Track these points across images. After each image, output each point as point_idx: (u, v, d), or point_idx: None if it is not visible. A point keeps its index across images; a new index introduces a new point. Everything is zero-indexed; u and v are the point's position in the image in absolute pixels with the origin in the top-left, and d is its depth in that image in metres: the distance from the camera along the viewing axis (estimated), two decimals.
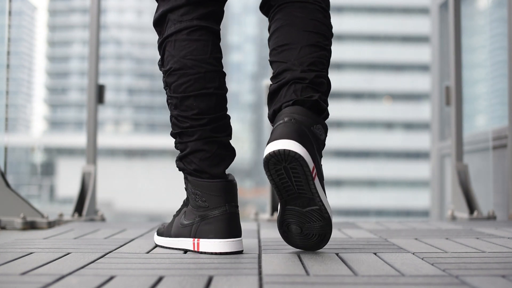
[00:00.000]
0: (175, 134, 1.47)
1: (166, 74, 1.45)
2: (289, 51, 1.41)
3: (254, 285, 1.03)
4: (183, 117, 1.43)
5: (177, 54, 1.43)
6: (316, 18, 1.44)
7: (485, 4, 4.22)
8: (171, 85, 1.44)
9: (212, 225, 1.41)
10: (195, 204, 1.44)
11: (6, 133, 2.58)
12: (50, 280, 1.07)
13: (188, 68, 1.42)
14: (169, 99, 1.47)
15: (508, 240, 1.71)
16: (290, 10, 1.45)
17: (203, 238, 1.42)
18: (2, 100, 2.59)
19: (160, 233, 1.58)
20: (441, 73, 4.70)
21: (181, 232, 1.48)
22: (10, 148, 2.63)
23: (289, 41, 1.42)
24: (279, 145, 1.28)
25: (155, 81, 52.09)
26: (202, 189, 1.43)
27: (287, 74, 1.40)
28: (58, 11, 52.90)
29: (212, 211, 1.42)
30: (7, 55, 2.65)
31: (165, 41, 1.45)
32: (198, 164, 1.44)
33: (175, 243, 1.50)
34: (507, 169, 2.90)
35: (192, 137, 1.44)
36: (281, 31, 1.44)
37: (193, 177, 1.45)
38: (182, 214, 1.50)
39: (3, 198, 2.29)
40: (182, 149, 1.46)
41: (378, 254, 1.39)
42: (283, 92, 1.39)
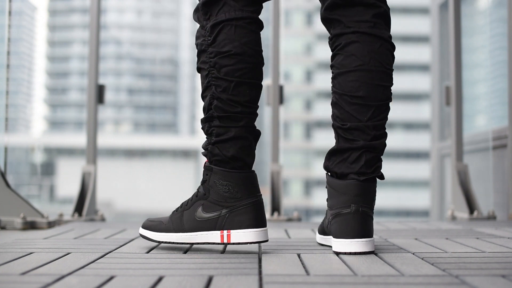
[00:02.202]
0: (216, 117, 1.43)
1: (220, 56, 1.42)
2: (364, 108, 1.42)
3: (254, 285, 1.03)
4: (234, 101, 1.42)
5: (238, 39, 1.42)
6: (389, 64, 1.45)
7: (485, 4, 4.22)
8: (224, 68, 1.42)
9: (244, 216, 1.42)
10: (222, 195, 1.43)
11: (6, 133, 2.58)
12: (50, 280, 1.07)
13: (248, 56, 1.43)
14: (214, 81, 1.43)
15: (508, 240, 1.71)
16: (364, 49, 1.42)
17: (235, 229, 1.42)
18: (2, 100, 2.59)
19: (158, 229, 1.51)
20: (441, 73, 4.70)
21: (200, 225, 1.45)
22: (10, 148, 2.63)
23: (365, 94, 1.42)
24: (357, 247, 1.39)
25: (155, 81, 52.09)
26: (234, 180, 1.43)
27: (359, 136, 1.42)
28: (58, 11, 52.88)
29: (243, 201, 1.42)
30: (7, 55, 2.65)
31: (223, 24, 1.42)
32: (237, 151, 1.43)
33: (192, 237, 1.46)
34: (507, 169, 2.90)
35: (238, 123, 1.43)
36: (356, 77, 1.43)
37: (223, 168, 1.43)
38: (197, 207, 1.46)
39: (3, 198, 2.29)
40: (220, 133, 1.43)
41: (378, 254, 1.39)
42: (352, 157, 1.42)
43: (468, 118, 4.26)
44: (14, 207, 2.27)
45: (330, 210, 1.46)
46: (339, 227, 1.41)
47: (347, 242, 1.40)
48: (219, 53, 1.42)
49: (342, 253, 1.40)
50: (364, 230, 1.40)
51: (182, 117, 52.74)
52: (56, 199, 38.77)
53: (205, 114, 1.46)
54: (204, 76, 1.46)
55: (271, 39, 3.02)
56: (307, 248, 1.52)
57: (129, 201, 38.43)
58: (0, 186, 2.30)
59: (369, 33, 1.43)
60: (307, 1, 39.92)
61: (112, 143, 41.23)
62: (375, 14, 1.44)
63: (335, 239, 1.42)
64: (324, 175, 1.52)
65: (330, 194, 1.46)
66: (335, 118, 1.47)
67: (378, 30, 1.44)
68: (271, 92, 2.98)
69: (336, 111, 1.47)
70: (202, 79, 1.47)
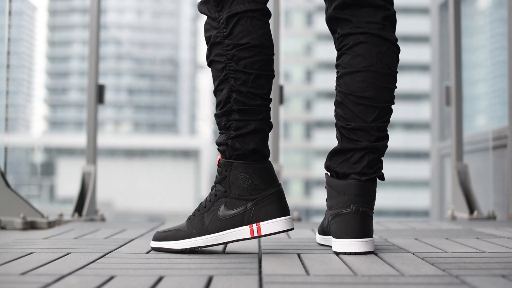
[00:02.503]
0: (235, 111, 1.41)
1: (238, 48, 1.40)
2: (369, 109, 1.43)
3: (254, 285, 1.03)
4: (254, 94, 1.41)
5: (255, 31, 1.41)
6: (394, 67, 1.46)
7: (485, 4, 4.22)
8: (243, 60, 1.40)
9: (272, 206, 1.41)
10: (246, 189, 1.41)
11: (6, 133, 2.58)
12: (50, 280, 1.07)
13: (265, 48, 1.42)
14: (233, 73, 1.41)
15: (508, 240, 1.71)
16: (372, 51, 1.43)
17: (264, 221, 1.41)
18: (2, 100, 2.59)
19: (177, 237, 1.45)
20: (441, 73, 4.70)
21: (226, 224, 1.42)
22: (10, 148, 2.63)
23: (371, 95, 1.43)
24: (357, 247, 1.39)
25: (155, 81, 52.08)
26: (255, 172, 1.41)
27: (363, 137, 1.42)
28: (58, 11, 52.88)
29: (267, 192, 1.42)
30: (7, 55, 2.65)
31: (239, 15, 1.41)
32: (257, 144, 1.42)
33: (219, 238, 1.42)
34: (507, 169, 2.90)
35: (258, 115, 1.42)
36: (364, 77, 1.43)
37: (243, 161, 1.42)
38: (219, 206, 1.43)
39: (3, 198, 2.29)
40: (239, 127, 1.41)
41: (378, 254, 1.39)
42: (354, 158, 1.43)
43: (468, 118, 4.26)
44: (14, 207, 2.27)
45: (329, 210, 1.46)
46: (339, 227, 1.41)
47: (347, 242, 1.39)
48: (237, 45, 1.40)
49: (342, 253, 1.40)
50: (364, 230, 1.40)
51: (182, 117, 52.74)
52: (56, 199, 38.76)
53: (221, 108, 1.43)
54: (219, 69, 1.43)
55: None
56: (307, 248, 1.52)
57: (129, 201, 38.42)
58: (0, 186, 2.30)
59: (378, 34, 1.44)
60: (307, 1, 39.92)
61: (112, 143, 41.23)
62: (384, 17, 1.45)
63: (335, 239, 1.42)
64: (324, 175, 1.52)
65: (330, 194, 1.46)
66: (339, 117, 1.46)
67: (386, 33, 1.45)
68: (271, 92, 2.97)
69: (340, 110, 1.46)
70: (215, 72, 1.44)
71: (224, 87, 1.42)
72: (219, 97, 1.43)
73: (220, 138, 1.44)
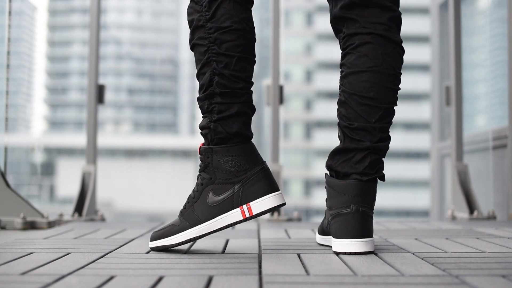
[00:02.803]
0: (217, 94, 1.41)
1: (220, 31, 1.40)
2: (372, 109, 1.43)
3: (254, 285, 1.03)
4: (236, 77, 1.42)
5: (237, 14, 1.42)
6: (399, 68, 1.46)
7: (485, 4, 4.22)
8: (225, 43, 1.41)
9: (258, 184, 1.41)
10: (230, 172, 1.41)
11: (6, 133, 2.58)
12: (50, 280, 1.07)
13: (247, 32, 1.43)
14: (215, 57, 1.41)
15: (508, 240, 1.71)
16: (378, 51, 1.43)
17: (253, 200, 1.40)
18: (2, 100, 2.59)
19: (172, 232, 1.45)
20: (441, 73, 4.70)
21: (217, 210, 1.42)
22: (10, 148, 2.63)
23: (376, 96, 1.42)
24: (357, 247, 1.39)
25: (155, 81, 52.08)
26: (237, 152, 1.41)
27: (365, 137, 1.42)
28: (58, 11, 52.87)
29: (252, 171, 1.41)
30: (7, 55, 2.65)
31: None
32: (240, 127, 1.42)
33: (212, 225, 1.42)
34: (507, 169, 2.90)
35: (240, 98, 1.42)
36: (368, 77, 1.43)
37: (224, 145, 1.42)
38: (207, 193, 1.43)
39: (3, 198, 2.29)
40: (222, 110, 1.42)
41: (378, 254, 1.39)
42: (356, 158, 1.43)
43: (468, 118, 4.26)
44: (14, 207, 2.27)
45: (329, 211, 1.45)
46: (339, 227, 1.41)
47: (347, 242, 1.39)
48: (220, 28, 1.41)
49: (342, 253, 1.40)
50: (364, 230, 1.40)
51: (182, 117, 52.74)
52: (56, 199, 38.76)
53: (204, 91, 1.43)
54: (201, 52, 1.43)
55: (271, 39, 3.02)
56: (307, 248, 1.52)
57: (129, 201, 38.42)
58: (0, 186, 2.30)
59: (384, 35, 1.43)
60: (307, 1, 39.92)
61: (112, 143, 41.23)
62: (390, 18, 1.45)
63: (335, 239, 1.42)
64: (323, 175, 1.52)
65: (330, 194, 1.45)
66: (342, 117, 1.46)
67: (392, 34, 1.45)
68: (271, 92, 2.98)
69: (343, 110, 1.46)
70: (198, 56, 1.44)
71: (206, 71, 1.42)
72: (202, 80, 1.44)
73: (202, 122, 1.45)
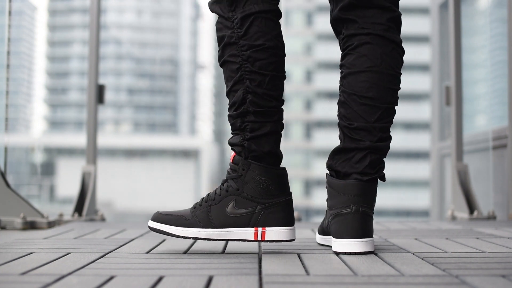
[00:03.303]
0: (251, 112, 1.41)
1: (253, 49, 1.40)
2: (372, 109, 1.43)
3: (254, 285, 1.03)
4: (269, 96, 1.41)
5: (269, 32, 1.42)
6: (398, 68, 1.46)
7: (485, 4, 4.22)
8: (258, 61, 1.40)
9: (280, 213, 1.42)
10: (258, 191, 1.41)
11: (6, 133, 2.58)
12: (50, 280, 1.07)
13: (278, 49, 1.43)
14: (248, 75, 1.41)
15: (508, 240, 1.71)
16: (377, 52, 1.43)
17: (270, 227, 1.41)
18: (2, 100, 2.59)
19: (179, 223, 1.44)
20: (441, 73, 4.70)
21: (232, 221, 1.42)
22: (10, 148, 2.63)
23: (375, 96, 1.42)
24: (357, 247, 1.39)
25: (155, 81, 52.09)
26: (271, 176, 1.42)
27: (365, 137, 1.42)
28: (58, 11, 52.88)
29: (278, 198, 1.42)
30: (7, 55, 2.65)
31: (254, 16, 1.41)
32: (272, 146, 1.43)
33: (223, 234, 1.42)
34: (507, 169, 2.90)
35: (273, 117, 1.43)
36: (368, 77, 1.43)
37: (261, 163, 1.42)
38: (229, 202, 1.42)
39: (3, 198, 2.29)
40: (255, 129, 1.41)
41: (378, 254, 1.39)
42: (356, 157, 1.42)
43: (468, 118, 4.26)
44: (14, 207, 2.27)
45: (330, 210, 1.45)
46: (339, 227, 1.41)
47: (347, 242, 1.39)
48: (253, 46, 1.41)
49: (342, 253, 1.40)
50: (364, 230, 1.39)
51: (182, 117, 52.74)
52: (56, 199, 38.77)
53: (236, 109, 1.42)
54: (233, 70, 1.42)
55: None
56: (307, 248, 1.52)
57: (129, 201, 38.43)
58: (0, 186, 2.30)
59: (383, 35, 1.43)
60: (307, 1, 39.93)
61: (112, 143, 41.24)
62: (389, 18, 1.45)
63: (335, 239, 1.42)
64: (323, 175, 1.52)
65: (330, 194, 1.45)
66: (342, 117, 1.46)
67: (391, 34, 1.44)
68: None
69: (343, 110, 1.46)
70: (229, 73, 1.44)
71: (239, 88, 1.42)
72: (234, 98, 1.43)
73: (235, 139, 1.44)
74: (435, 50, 4.88)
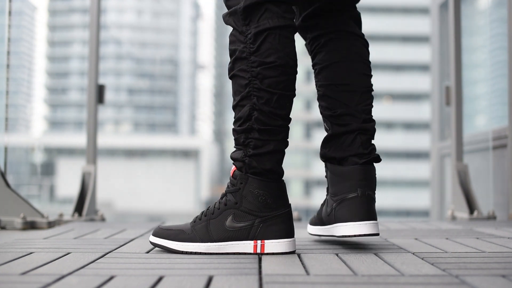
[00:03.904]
0: (256, 130, 1.40)
1: (264, 66, 1.39)
2: (350, 94, 1.53)
3: (254, 285, 1.03)
4: (276, 115, 1.40)
5: (282, 49, 1.40)
6: (366, 57, 1.58)
7: (485, 4, 4.22)
8: (267, 79, 1.39)
9: (279, 226, 1.42)
10: (256, 205, 1.41)
11: (6, 133, 2.58)
12: (50, 280, 1.07)
13: (289, 67, 1.42)
14: (256, 92, 1.40)
15: (508, 240, 1.71)
16: (344, 44, 1.55)
17: (270, 239, 1.41)
18: (2, 100, 2.59)
19: (179, 238, 1.45)
20: (441, 73, 4.70)
21: (231, 235, 1.42)
22: (10, 148, 2.63)
23: (350, 82, 1.53)
24: (366, 229, 1.45)
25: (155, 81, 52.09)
26: (269, 190, 1.41)
27: (351, 120, 1.51)
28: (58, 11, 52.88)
29: (277, 211, 1.42)
30: (7, 55, 2.65)
31: (267, 32, 1.39)
32: (274, 165, 1.42)
33: (222, 247, 1.42)
34: (507, 169, 2.90)
35: (277, 136, 1.42)
36: (341, 67, 1.53)
37: (260, 177, 1.41)
38: (227, 216, 1.43)
39: (3, 198, 2.29)
40: (258, 146, 1.41)
41: (378, 254, 1.39)
42: (347, 141, 1.51)
43: (468, 118, 4.26)
44: (14, 207, 2.27)
45: (333, 197, 1.50)
46: (348, 211, 1.46)
47: (356, 225, 1.44)
48: (263, 63, 1.39)
49: (351, 236, 1.44)
50: (371, 213, 1.46)
51: (182, 117, 52.74)
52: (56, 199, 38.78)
53: (241, 124, 1.42)
54: (242, 85, 1.41)
55: None
56: (307, 248, 1.52)
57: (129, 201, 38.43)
58: (0, 186, 2.30)
59: (345, 30, 1.56)
60: None
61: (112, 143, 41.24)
62: (349, 16, 1.59)
63: (343, 223, 1.46)
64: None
65: (333, 181, 1.50)
66: (324, 108, 1.56)
67: (352, 28, 1.57)
68: None
69: (323, 103, 1.56)
70: (237, 87, 1.42)
71: (245, 104, 1.41)
72: (240, 113, 1.42)
73: (236, 154, 1.44)
74: (435, 50, 4.88)
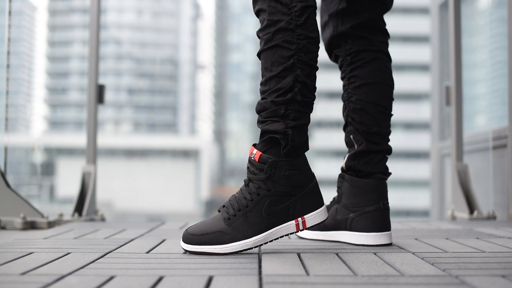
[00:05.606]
0: (297, 101, 1.42)
1: (309, 40, 1.43)
2: (385, 116, 1.67)
3: (254, 285, 1.03)
4: (313, 88, 1.46)
5: (317, 28, 1.48)
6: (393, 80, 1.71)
7: (485, 4, 4.22)
8: (310, 53, 1.44)
9: (312, 198, 1.46)
10: (291, 185, 1.42)
11: (6, 133, 2.58)
12: (50, 280, 1.07)
13: (319, 44, 1.49)
14: (300, 64, 1.42)
15: (508, 240, 1.71)
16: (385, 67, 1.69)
17: (308, 213, 1.45)
18: (2, 100, 2.59)
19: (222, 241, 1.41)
20: (441, 73, 4.70)
21: (272, 221, 1.42)
22: (10, 148, 2.63)
23: (387, 104, 1.67)
24: (386, 239, 1.60)
25: (155, 81, 52.09)
26: (299, 166, 1.44)
27: (381, 140, 1.66)
28: (58, 11, 52.89)
29: (307, 185, 1.46)
30: (7, 55, 2.65)
31: (311, 8, 1.45)
32: (307, 137, 1.48)
33: (268, 236, 1.42)
34: (507, 169, 2.90)
35: (310, 108, 1.46)
36: (382, 89, 1.67)
37: (289, 158, 1.43)
38: (264, 204, 1.42)
39: (3, 198, 2.29)
40: (297, 118, 1.42)
41: (378, 254, 1.39)
42: (376, 158, 1.65)
43: (468, 118, 4.26)
44: (14, 207, 2.27)
45: (351, 207, 1.62)
46: (371, 222, 1.58)
47: (378, 235, 1.58)
48: (309, 37, 1.43)
49: (374, 246, 1.56)
50: (388, 224, 1.61)
51: (182, 117, 52.75)
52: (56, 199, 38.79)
53: (281, 95, 1.41)
54: (284, 56, 1.41)
55: None
56: (307, 248, 1.52)
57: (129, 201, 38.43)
58: (0, 186, 2.30)
59: (387, 53, 1.71)
60: None
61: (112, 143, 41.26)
62: (387, 39, 1.74)
63: (364, 233, 1.58)
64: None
65: (353, 193, 1.61)
66: (358, 123, 1.65)
67: (388, 53, 1.73)
68: None
69: (357, 116, 1.65)
70: (277, 58, 1.41)
71: (287, 75, 1.41)
72: (280, 84, 1.41)
73: (275, 126, 1.42)
74: (435, 50, 4.88)
